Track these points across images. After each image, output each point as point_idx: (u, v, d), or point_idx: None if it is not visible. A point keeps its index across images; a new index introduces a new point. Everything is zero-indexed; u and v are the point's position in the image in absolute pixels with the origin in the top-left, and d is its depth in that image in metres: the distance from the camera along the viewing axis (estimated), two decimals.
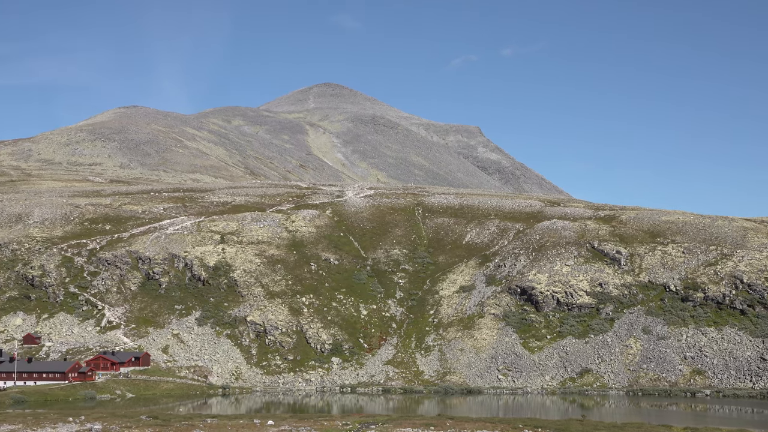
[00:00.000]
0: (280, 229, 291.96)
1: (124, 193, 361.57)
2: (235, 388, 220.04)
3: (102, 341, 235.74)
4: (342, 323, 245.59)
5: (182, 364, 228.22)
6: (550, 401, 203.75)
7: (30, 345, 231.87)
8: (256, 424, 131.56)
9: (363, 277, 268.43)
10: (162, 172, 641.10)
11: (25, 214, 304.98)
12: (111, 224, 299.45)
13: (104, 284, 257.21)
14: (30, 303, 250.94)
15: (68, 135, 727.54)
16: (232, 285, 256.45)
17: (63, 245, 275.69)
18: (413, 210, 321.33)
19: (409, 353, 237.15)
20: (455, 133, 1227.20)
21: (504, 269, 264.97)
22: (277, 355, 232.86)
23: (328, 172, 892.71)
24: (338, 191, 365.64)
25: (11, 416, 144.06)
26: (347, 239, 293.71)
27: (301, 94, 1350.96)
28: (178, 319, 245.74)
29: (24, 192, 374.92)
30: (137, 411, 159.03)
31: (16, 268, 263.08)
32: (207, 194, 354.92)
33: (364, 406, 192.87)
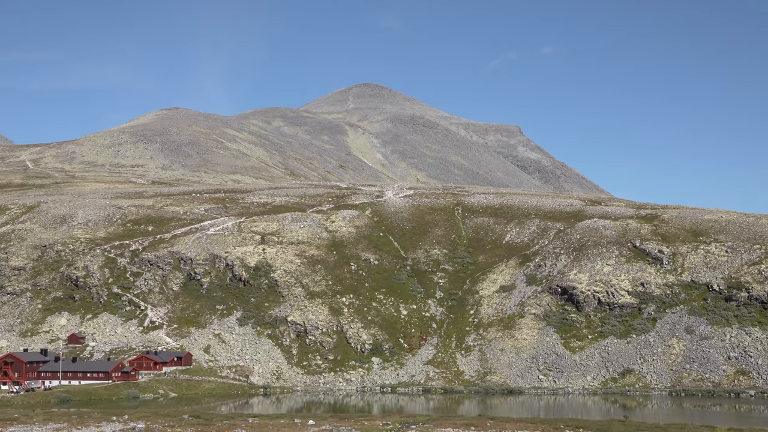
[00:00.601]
0: (320, 229, 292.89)
1: (166, 194, 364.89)
2: (276, 387, 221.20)
3: (145, 341, 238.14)
4: (382, 323, 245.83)
5: (224, 363, 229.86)
6: (591, 402, 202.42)
7: (74, 345, 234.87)
8: (297, 424, 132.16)
9: (403, 277, 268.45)
10: (203, 173, 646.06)
11: (69, 215, 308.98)
12: (153, 225, 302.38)
13: (147, 285, 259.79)
14: (74, 303, 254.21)
15: (111, 137, 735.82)
16: (273, 285, 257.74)
17: (106, 246, 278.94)
18: (453, 210, 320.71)
19: (449, 353, 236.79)
20: (495, 132, 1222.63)
21: (544, 269, 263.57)
22: (317, 355, 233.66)
23: (368, 173, 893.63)
24: (378, 191, 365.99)
25: (57, 415, 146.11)
26: (387, 239, 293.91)
27: (340, 95, 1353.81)
28: (219, 319, 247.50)
29: (68, 194, 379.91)
30: (180, 410, 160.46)
31: (60, 269, 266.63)
32: (247, 195, 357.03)
33: (404, 406, 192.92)
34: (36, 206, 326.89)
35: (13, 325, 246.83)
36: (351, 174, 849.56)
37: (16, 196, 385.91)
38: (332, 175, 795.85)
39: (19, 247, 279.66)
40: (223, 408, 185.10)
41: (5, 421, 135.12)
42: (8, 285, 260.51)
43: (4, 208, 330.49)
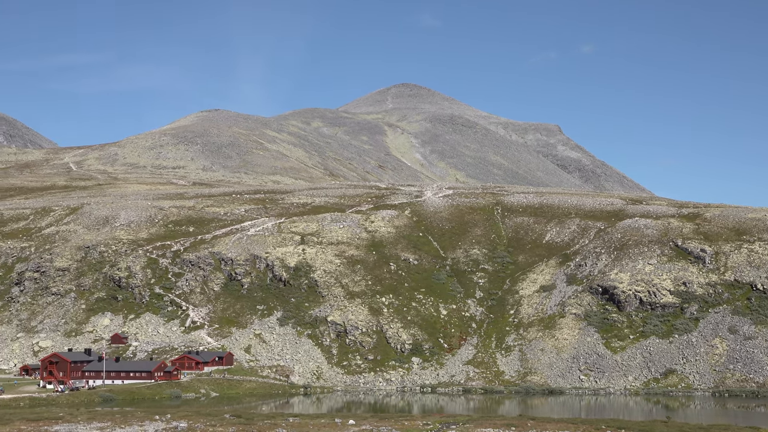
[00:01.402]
0: (360, 229, 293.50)
1: (207, 195, 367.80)
2: (316, 387, 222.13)
3: (186, 341, 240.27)
4: (422, 323, 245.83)
5: (264, 363, 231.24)
6: (633, 402, 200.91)
7: (117, 345, 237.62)
8: (338, 424, 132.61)
9: (442, 277, 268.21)
10: (243, 174, 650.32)
11: (112, 216, 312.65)
12: (194, 226, 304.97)
13: (188, 285, 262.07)
14: (117, 304, 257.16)
15: (152, 139, 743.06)
16: (313, 285, 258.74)
17: (148, 247, 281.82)
18: (492, 209, 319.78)
19: (489, 353, 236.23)
20: (534, 131, 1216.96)
21: (585, 268, 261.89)
22: (357, 355, 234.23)
23: (407, 173, 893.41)
24: (417, 191, 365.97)
25: (100, 414, 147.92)
26: (426, 239, 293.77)
27: (379, 95, 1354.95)
28: (260, 319, 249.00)
29: (110, 195, 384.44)
30: (221, 410, 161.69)
31: (103, 270, 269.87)
32: (287, 196, 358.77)
33: (444, 406, 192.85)
34: (79, 208, 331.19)
35: (57, 325, 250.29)
36: (390, 174, 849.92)
37: (60, 198, 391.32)
38: (371, 176, 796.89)
39: (63, 248, 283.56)
40: (263, 407, 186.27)
41: (51, 420, 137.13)
42: (53, 286, 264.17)
43: (48, 210, 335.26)
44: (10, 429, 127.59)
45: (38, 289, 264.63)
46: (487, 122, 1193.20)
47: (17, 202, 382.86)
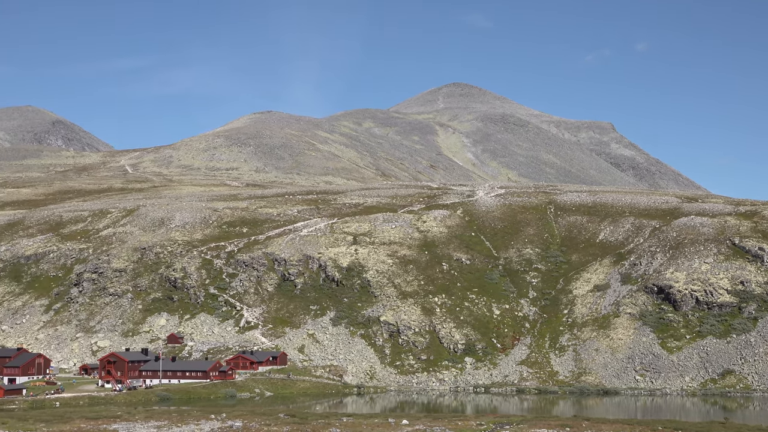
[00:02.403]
0: (412, 229, 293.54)
1: (260, 196, 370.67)
2: (369, 387, 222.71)
3: (241, 341, 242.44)
4: (475, 323, 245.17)
5: (318, 363, 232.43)
6: (690, 403, 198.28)
7: (173, 344, 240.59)
8: (391, 424, 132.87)
9: (495, 277, 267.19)
10: (296, 175, 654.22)
11: (167, 218, 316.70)
12: (248, 227, 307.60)
13: (242, 285, 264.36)
14: (173, 304, 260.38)
15: (206, 141, 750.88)
16: (365, 285, 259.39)
17: (203, 248, 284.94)
18: (545, 208, 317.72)
19: (543, 353, 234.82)
20: (587, 129, 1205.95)
21: (640, 267, 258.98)
22: (410, 355, 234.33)
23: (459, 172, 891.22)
24: (469, 191, 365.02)
25: (157, 413, 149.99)
26: (479, 239, 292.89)
27: (430, 95, 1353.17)
28: (313, 319, 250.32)
29: (166, 197, 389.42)
30: (275, 409, 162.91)
31: (159, 271, 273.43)
32: (339, 196, 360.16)
33: (498, 407, 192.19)
34: (135, 210, 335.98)
35: (115, 325, 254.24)
36: (442, 174, 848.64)
37: (116, 200, 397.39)
38: (423, 175, 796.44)
39: (120, 249, 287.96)
40: (317, 407, 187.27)
41: (109, 419, 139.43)
42: (110, 286, 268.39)
43: (105, 212, 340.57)
44: (70, 427, 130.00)
45: (96, 289, 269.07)
46: (539, 121, 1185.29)
47: (75, 205, 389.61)
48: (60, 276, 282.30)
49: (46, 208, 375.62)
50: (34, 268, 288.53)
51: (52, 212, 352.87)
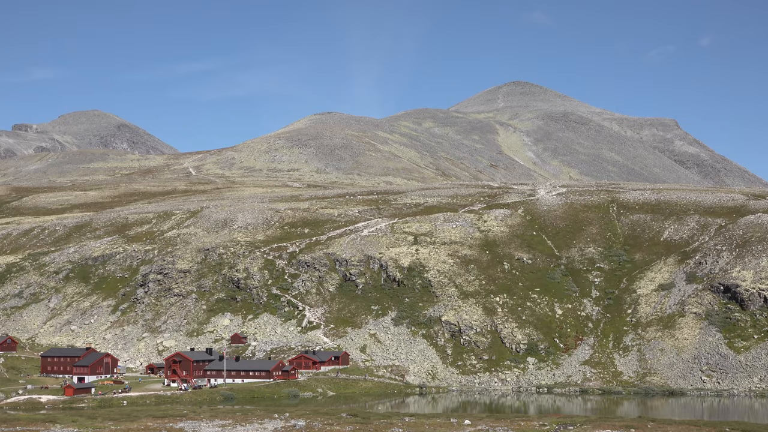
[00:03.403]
0: (473, 229, 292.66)
1: (321, 197, 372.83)
2: (431, 387, 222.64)
3: (303, 341, 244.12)
4: (537, 323, 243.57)
5: (380, 363, 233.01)
6: (758, 404, 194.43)
7: (237, 344, 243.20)
8: (453, 424, 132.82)
9: (557, 276, 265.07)
10: (356, 175, 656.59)
11: (230, 219, 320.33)
12: (309, 227, 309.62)
13: (304, 286, 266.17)
14: (236, 304, 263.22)
15: (268, 143, 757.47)
16: (427, 285, 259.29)
17: (265, 249, 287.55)
18: (607, 207, 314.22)
19: (606, 353, 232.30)
20: (650, 126, 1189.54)
21: (705, 266, 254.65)
22: (472, 355, 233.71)
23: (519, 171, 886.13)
24: (530, 190, 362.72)
25: (222, 412, 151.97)
26: (540, 238, 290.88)
27: (490, 94, 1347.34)
28: (374, 319, 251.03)
29: (228, 199, 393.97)
30: (338, 409, 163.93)
31: (223, 271, 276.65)
32: (400, 196, 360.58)
33: (561, 407, 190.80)
34: (199, 211, 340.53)
35: (180, 325, 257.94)
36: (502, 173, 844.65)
37: (180, 202, 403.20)
38: (483, 175, 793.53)
39: (184, 250, 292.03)
40: (380, 407, 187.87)
41: (175, 417, 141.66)
42: (175, 287, 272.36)
43: (170, 214, 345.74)
44: (137, 425, 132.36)
45: (161, 290, 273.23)
46: (600, 118, 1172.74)
47: (141, 207, 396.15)
48: (126, 277, 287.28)
49: (113, 211, 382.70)
50: (101, 269, 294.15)
51: (118, 214, 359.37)
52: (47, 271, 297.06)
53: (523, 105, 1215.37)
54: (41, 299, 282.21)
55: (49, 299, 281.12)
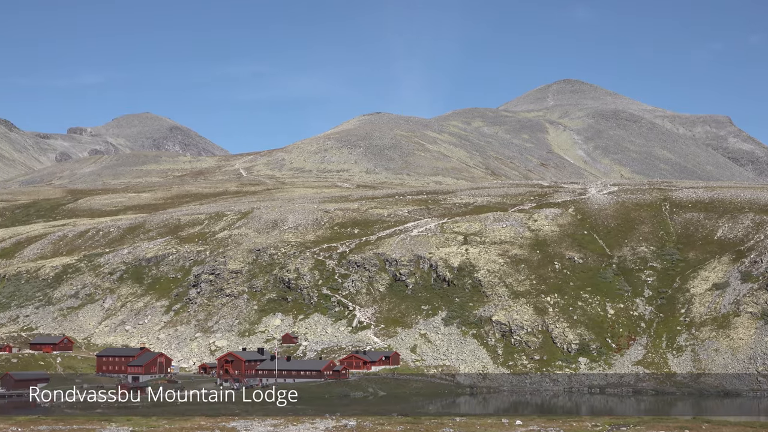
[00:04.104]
0: (523, 228, 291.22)
1: (370, 197, 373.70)
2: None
3: (354, 341, 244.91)
4: (588, 323, 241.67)
5: (430, 363, 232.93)
6: None
7: (288, 344, 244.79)
8: (505, 424, 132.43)
9: (609, 276, 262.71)
10: (405, 175, 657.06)
11: (281, 220, 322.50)
12: (359, 228, 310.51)
13: (354, 286, 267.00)
14: (287, 304, 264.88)
15: (317, 144, 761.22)
16: (477, 285, 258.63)
17: (315, 249, 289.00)
18: (660, 205, 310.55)
19: (659, 353, 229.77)
20: (703, 124, 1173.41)
21: (761, 265, 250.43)
22: (523, 355, 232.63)
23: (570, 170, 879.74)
24: (580, 189, 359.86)
25: (273, 411, 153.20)
26: (591, 237, 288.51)
27: (539, 93, 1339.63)
28: (424, 319, 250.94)
29: (279, 199, 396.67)
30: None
31: (273, 272, 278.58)
32: (449, 196, 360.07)
33: (613, 408, 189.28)
34: (250, 212, 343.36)
35: (232, 325, 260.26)
36: (552, 172, 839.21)
37: (231, 203, 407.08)
38: (533, 174, 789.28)
39: (235, 251, 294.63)
40: (430, 407, 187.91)
41: (228, 416, 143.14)
42: (227, 287, 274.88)
43: (221, 215, 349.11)
44: (191, 424, 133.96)
45: (213, 290, 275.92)
46: (652, 116, 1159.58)
47: (192, 208, 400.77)
48: (179, 278, 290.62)
49: (165, 212, 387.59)
50: (154, 270, 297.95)
51: (171, 216, 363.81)
52: (102, 272, 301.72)
53: (573, 103, 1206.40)
54: (96, 300, 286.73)
55: (103, 300, 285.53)
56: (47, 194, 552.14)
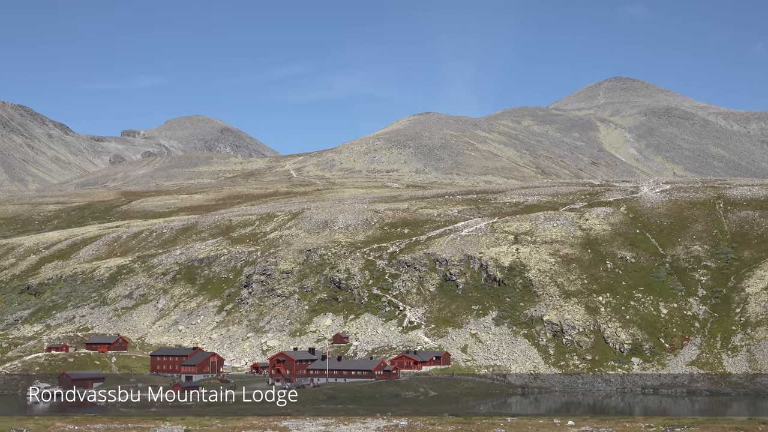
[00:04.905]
0: (574, 227, 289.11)
1: (420, 197, 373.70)
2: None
3: (404, 341, 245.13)
4: (641, 322, 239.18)
5: (481, 363, 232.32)
6: None
7: (339, 344, 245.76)
8: (557, 425, 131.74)
9: (662, 275, 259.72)
10: (455, 175, 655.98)
11: (331, 220, 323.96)
12: (409, 228, 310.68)
13: (404, 286, 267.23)
14: (338, 304, 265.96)
15: (366, 144, 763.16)
16: (527, 285, 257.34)
17: (365, 249, 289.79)
18: (713, 203, 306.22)
19: (714, 353, 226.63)
20: (758, 120, 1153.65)
21: None
22: (574, 355, 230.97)
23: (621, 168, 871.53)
24: (632, 187, 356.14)
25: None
26: (643, 236, 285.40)
27: (590, 90, 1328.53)
28: (475, 319, 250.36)
29: (329, 200, 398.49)
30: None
31: (324, 272, 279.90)
32: (499, 195, 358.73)
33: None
34: (300, 213, 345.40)
35: (283, 325, 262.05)
36: (604, 170, 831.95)
37: (282, 204, 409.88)
38: (584, 173, 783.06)
39: (286, 251, 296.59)
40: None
41: (279, 416, 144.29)
42: (278, 288, 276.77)
43: (272, 216, 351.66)
44: (243, 423, 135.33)
45: (265, 291, 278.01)
46: (705, 113, 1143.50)
47: (244, 209, 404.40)
48: (231, 278, 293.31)
49: (217, 213, 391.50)
50: (206, 271, 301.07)
51: (222, 217, 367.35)
52: (155, 272, 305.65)
53: (625, 101, 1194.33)
54: (150, 300, 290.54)
55: (157, 300, 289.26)
56: (102, 196, 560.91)
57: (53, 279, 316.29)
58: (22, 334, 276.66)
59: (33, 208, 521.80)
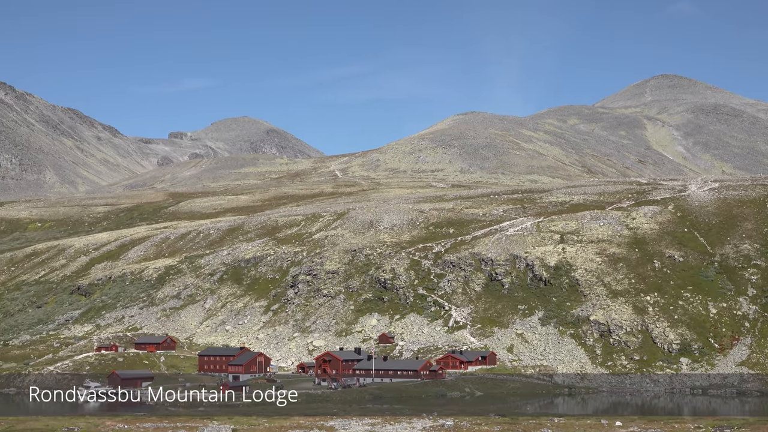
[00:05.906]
0: (621, 226, 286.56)
1: (465, 197, 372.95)
2: (580, 387, 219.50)
3: (450, 341, 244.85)
4: (689, 322, 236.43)
5: (527, 363, 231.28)
6: None
7: (384, 344, 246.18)
8: (604, 425, 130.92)
9: (710, 274, 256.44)
10: (500, 174, 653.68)
11: (376, 220, 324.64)
12: (454, 227, 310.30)
13: (450, 286, 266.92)
14: (383, 304, 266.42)
15: (411, 144, 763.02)
16: (574, 284, 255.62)
17: (410, 249, 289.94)
18: (763, 201, 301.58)
19: (765, 353, 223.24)
20: None
21: None
22: (622, 355, 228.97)
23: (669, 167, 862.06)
24: (680, 185, 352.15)
25: (371, 411, 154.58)
26: (692, 235, 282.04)
27: (636, 88, 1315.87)
28: (521, 319, 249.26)
29: (374, 200, 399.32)
30: (486, 408, 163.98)
31: (369, 272, 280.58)
32: (545, 194, 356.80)
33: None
34: (345, 213, 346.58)
35: (329, 325, 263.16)
36: (651, 169, 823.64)
37: (327, 204, 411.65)
38: (631, 171, 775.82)
39: (332, 251, 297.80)
40: (528, 407, 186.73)
41: (326, 416, 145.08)
42: (324, 288, 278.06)
43: (318, 216, 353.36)
44: (290, 423, 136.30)
45: (311, 291, 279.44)
46: (755, 110, 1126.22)
47: (289, 210, 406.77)
48: (277, 278, 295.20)
49: (263, 214, 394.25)
50: (253, 271, 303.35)
51: (268, 217, 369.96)
52: (203, 273, 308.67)
53: (672, 98, 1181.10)
54: (197, 300, 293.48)
55: (204, 300, 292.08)
56: (149, 198, 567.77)
57: (103, 280, 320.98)
58: (72, 334, 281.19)
59: (83, 209, 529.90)
